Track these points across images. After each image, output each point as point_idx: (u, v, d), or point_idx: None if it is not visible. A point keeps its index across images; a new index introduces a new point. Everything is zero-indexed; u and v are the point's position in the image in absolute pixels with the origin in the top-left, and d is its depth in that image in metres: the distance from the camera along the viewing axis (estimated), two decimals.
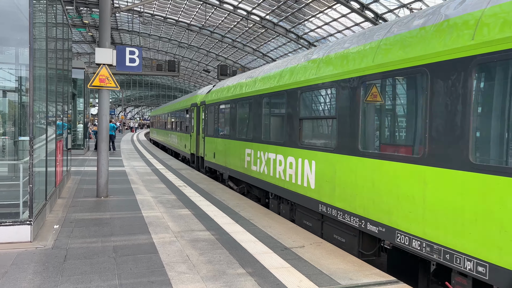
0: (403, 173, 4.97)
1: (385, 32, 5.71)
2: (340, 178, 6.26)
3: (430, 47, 4.68)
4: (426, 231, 4.64)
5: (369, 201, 5.61)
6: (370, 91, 5.70)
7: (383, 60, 5.40)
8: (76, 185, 11.47)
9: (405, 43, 5.13)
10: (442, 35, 4.57)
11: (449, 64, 4.41)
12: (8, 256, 5.33)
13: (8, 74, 9.84)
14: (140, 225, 7.19)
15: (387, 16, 29.15)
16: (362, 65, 5.78)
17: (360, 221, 5.81)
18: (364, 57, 5.81)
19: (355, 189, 5.91)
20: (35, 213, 6.17)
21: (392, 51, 5.29)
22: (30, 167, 5.96)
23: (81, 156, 20.74)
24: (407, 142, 5.30)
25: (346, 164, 6.10)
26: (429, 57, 4.66)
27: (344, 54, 6.41)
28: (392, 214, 5.19)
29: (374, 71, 5.53)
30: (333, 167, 6.46)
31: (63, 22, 10.55)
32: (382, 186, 5.35)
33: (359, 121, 5.83)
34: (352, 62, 6.06)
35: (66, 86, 11.66)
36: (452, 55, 4.36)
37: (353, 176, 5.92)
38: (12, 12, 7.88)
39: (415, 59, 4.89)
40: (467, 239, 4.10)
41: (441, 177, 4.44)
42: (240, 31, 44.33)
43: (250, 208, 8.95)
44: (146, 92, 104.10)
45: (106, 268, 5.02)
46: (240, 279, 4.78)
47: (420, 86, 4.90)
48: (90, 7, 38.38)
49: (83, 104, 23.87)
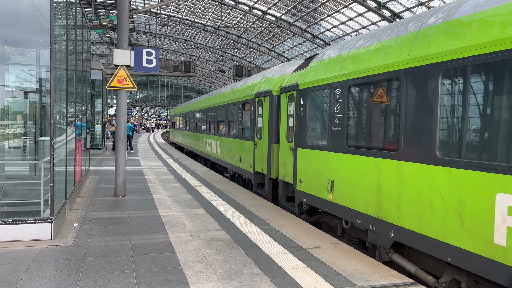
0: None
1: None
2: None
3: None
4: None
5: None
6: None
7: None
8: (94, 184, 11.67)
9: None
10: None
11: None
12: (30, 253, 5.46)
13: (29, 75, 10.07)
14: (157, 224, 7.27)
15: (404, 14, 28.76)
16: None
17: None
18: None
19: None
20: (55, 211, 6.30)
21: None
22: (51, 167, 6.10)
23: (99, 156, 21.07)
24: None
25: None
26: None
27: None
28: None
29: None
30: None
31: (82, 24, 10.74)
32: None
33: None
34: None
35: (85, 87, 11.87)
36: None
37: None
38: (33, 14, 8.07)
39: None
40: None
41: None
42: (256, 31, 44.36)
43: (265, 208, 8.96)
44: (162, 93, 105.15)
45: (124, 266, 5.09)
46: (256, 279, 4.79)
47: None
48: (108, 9, 38.98)
49: (101, 105, 24.25)
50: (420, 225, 4.97)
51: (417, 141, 5.06)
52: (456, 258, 4.44)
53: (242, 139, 12.74)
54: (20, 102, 10.05)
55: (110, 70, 29.78)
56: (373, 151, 5.97)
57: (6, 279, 4.57)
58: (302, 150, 8.32)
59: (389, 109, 5.76)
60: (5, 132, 9.59)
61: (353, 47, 6.92)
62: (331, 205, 7.11)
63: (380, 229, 5.76)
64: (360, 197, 6.24)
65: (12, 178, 8.79)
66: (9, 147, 9.77)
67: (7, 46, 9.46)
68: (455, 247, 4.45)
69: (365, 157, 6.13)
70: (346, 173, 6.64)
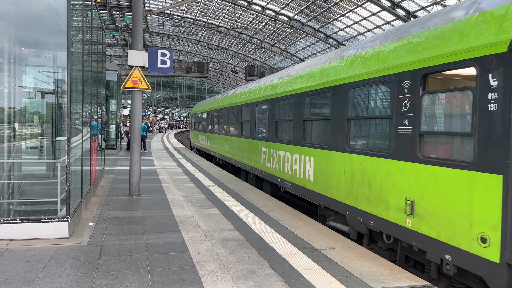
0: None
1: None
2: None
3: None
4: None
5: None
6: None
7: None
8: (109, 184, 11.81)
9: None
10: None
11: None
12: (47, 252, 5.55)
13: (45, 76, 10.24)
14: (171, 224, 7.32)
15: (419, 14, 28.42)
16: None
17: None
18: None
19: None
20: (71, 210, 6.39)
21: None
22: (67, 166, 6.19)
23: (114, 156, 21.31)
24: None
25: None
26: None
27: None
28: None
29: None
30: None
31: (98, 26, 10.88)
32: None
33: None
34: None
35: (100, 87, 12.03)
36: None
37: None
38: (51, 17, 8.21)
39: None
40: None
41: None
42: (268, 31, 44.35)
43: (278, 208, 8.94)
44: (176, 93, 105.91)
45: (138, 265, 5.14)
46: (270, 280, 4.78)
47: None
48: (122, 11, 39.44)
49: (115, 105, 24.53)
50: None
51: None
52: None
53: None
54: (37, 102, 10.22)
55: (124, 71, 30.14)
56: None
57: (24, 276, 4.66)
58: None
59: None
60: (22, 132, 9.76)
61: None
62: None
63: None
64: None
65: (30, 178, 8.95)
66: (26, 147, 9.95)
67: (24, 47, 9.64)
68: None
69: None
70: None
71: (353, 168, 6.74)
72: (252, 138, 13.00)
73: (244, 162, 13.80)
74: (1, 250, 5.53)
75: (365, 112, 6.80)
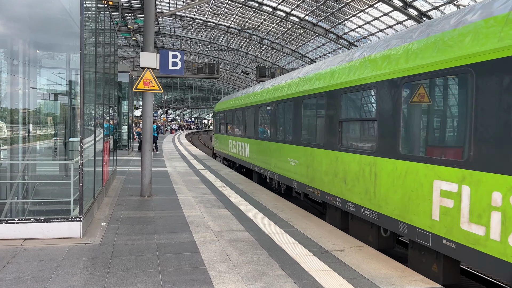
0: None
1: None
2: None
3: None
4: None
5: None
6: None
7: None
8: (121, 184, 11.92)
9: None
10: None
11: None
12: (60, 251, 5.63)
13: (59, 78, 10.40)
14: (182, 224, 7.37)
15: (432, 13, 28.13)
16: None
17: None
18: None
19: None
20: (84, 210, 6.48)
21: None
22: (80, 167, 6.28)
23: (125, 157, 21.52)
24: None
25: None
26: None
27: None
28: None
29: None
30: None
31: (110, 28, 11.01)
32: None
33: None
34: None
35: (112, 89, 12.16)
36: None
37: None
38: (64, 19, 8.34)
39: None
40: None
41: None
42: (279, 32, 44.34)
43: (288, 209, 8.94)
44: (187, 95, 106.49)
45: (150, 265, 5.19)
46: (280, 281, 4.79)
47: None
48: (134, 13, 39.83)
49: (127, 107, 24.76)
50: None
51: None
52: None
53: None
54: (51, 104, 10.38)
55: (136, 72, 30.41)
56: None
57: (38, 275, 4.74)
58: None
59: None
60: (36, 133, 9.92)
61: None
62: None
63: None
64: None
65: (43, 178, 9.09)
66: (40, 148, 10.11)
67: (39, 50, 9.81)
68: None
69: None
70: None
71: None
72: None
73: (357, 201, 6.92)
74: (16, 249, 5.63)
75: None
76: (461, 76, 4.79)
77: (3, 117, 8.83)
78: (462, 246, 4.58)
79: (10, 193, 8.30)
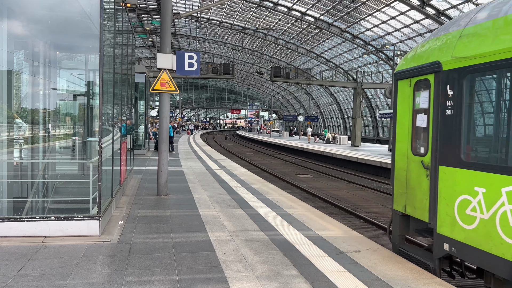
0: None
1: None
2: None
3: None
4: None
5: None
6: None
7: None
8: (138, 184, 12.09)
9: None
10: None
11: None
12: (79, 248, 5.76)
13: (78, 79, 10.61)
14: (198, 223, 7.44)
15: (450, 12, 27.67)
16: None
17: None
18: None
19: None
20: (103, 209, 6.60)
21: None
22: (99, 166, 6.40)
23: (142, 156, 21.78)
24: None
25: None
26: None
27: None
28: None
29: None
30: None
31: (127, 29, 11.17)
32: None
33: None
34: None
35: (129, 89, 12.33)
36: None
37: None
38: (83, 21, 8.51)
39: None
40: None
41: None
42: (294, 32, 44.25)
43: (304, 210, 8.93)
44: (202, 95, 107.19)
45: (166, 264, 5.26)
46: (295, 281, 4.80)
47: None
48: (150, 14, 40.29)
49: (143, 107, 25.05)
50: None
51: None
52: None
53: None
54: (70, 104, 10.59)
55: (152, 73, 30.75)
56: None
57: (59, 272, 4.86)
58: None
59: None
60: (56, 133, 10.14)
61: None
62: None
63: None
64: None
65: (63, 177, 9.29)
66: (59, 147, 10.32)
67: (58, 51, 10.01)
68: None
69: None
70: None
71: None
72: None
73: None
74: (37, 246, 5.77)
75: None
76: None
77: (24, 117, 9.05)
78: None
79: (31, 191, 8.51)
